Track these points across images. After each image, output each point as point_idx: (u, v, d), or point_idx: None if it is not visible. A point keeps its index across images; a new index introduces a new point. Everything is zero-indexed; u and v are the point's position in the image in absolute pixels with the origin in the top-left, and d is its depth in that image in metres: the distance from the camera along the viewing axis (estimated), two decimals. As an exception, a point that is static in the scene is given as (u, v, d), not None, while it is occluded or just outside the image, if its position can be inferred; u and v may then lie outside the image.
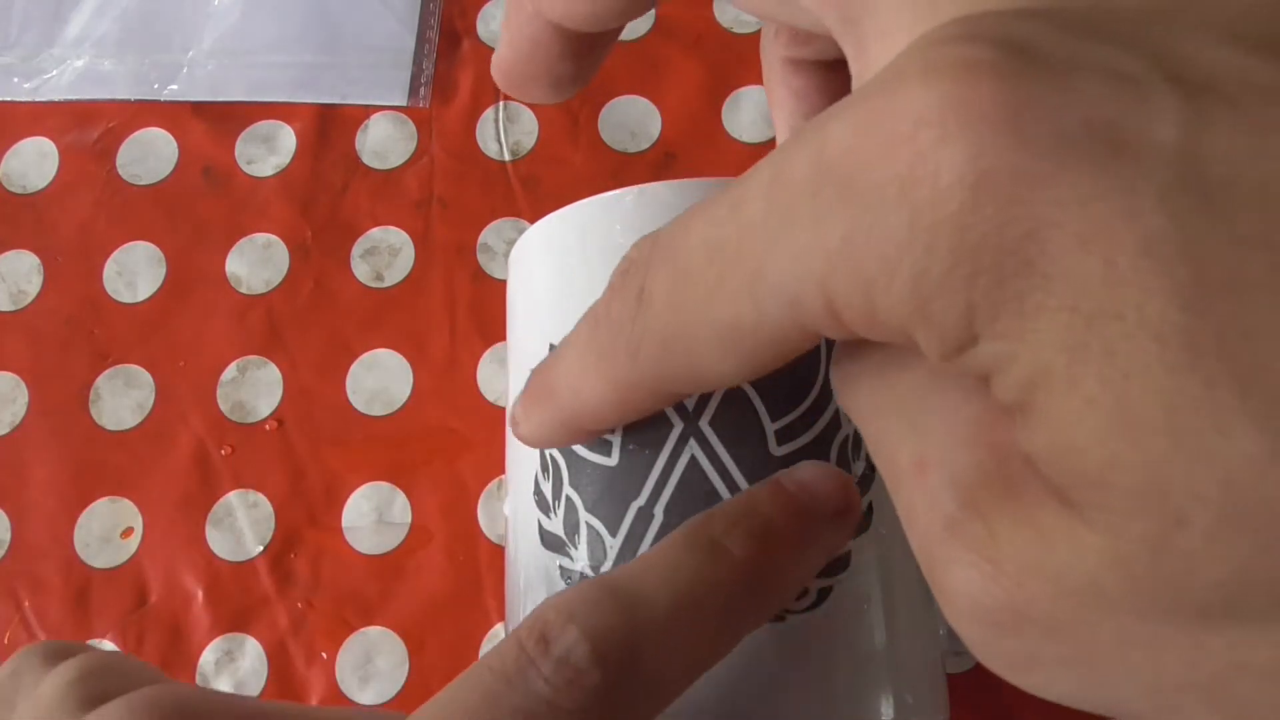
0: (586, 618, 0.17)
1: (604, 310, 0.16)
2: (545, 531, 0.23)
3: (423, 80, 0.37)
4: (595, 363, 0.16)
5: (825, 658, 0.21)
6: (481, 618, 0.31)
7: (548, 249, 0.25)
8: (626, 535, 0.21)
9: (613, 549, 0.21)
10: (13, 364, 0.35)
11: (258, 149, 0.37)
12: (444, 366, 0.34)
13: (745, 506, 0.19)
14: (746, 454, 0.21)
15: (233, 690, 0.30)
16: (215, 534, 0.32)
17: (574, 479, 0.22)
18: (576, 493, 0.22)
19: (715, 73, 0.37)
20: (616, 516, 0.22)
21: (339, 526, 0.32)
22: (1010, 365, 0.11)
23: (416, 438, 0.33)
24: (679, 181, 0.24)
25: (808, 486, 0.20)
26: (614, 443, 0.22)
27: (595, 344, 0.16)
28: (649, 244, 0.15)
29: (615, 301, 0.16)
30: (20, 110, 0.38)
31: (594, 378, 0.17)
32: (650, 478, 0.21)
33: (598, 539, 0.22)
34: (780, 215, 0.12)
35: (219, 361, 0.34)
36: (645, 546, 0.21)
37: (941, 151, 0.11)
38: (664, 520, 0.21)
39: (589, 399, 0.17)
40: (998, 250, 0.10)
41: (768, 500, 0.19)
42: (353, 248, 0.35)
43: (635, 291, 0.15)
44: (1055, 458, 0.11)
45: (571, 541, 0.22)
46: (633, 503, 0.21)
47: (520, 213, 0.35)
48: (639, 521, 0.21)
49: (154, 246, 0.36)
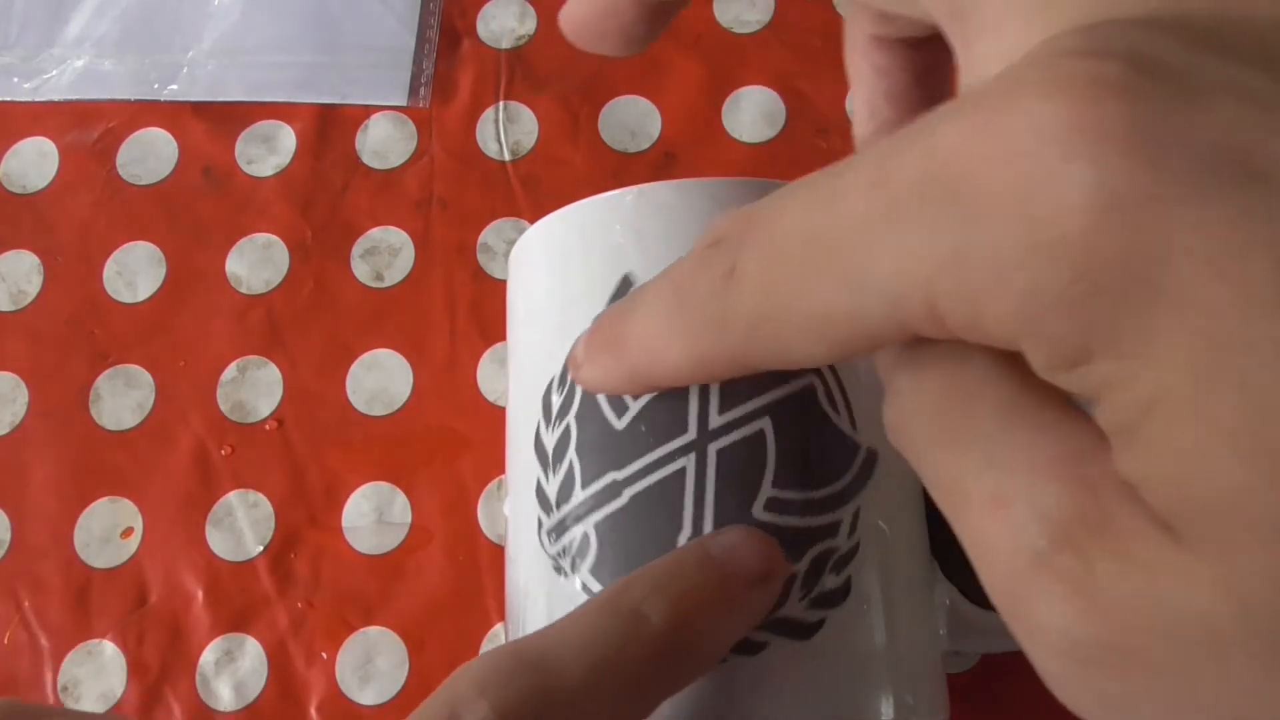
0: (498, 691, 0.17)
1: (689, 279, 0.16)
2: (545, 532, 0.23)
3: (423, 80, 0.37)
4: (677, 329, 0.16)
5: (826, 658, 0.21)
6: (481, 618, 0.31)
7: (548, 249, 0.25)
8: (594, 494, 0.22)
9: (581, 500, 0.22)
10: (13, 364, 0.35)
11: (258, 149, 0.37)
12: (444, 366, 0.34)
13: (669, 572, 0.19)
14: (729, 502, 0.21)
15: (233, 690, 0.30)
16: (215, 534, 0.32)
17: (579, 443, 0.22)
18: (578, 458, 0.22)
19: (715, 73, 0.37)
20: (595, 474, 0.22)
21: (339, 526, 0.32)
22: (1127, 386, 0.11)
23: (416, 438, 0.33)
24: (679, 181, 0.24)
25: (733, 552, 0.20)
26: (630, 409, 0.22)
27: (679, 312, 0.16)
28: (742, 221, 0.15)
29: (703, 273, 0.15)
30: (20, 110, 0.38)
31: (673, 342, 0.16)
32: (638, 460, 0.21)
33: (571, 481, 0.22)
34: (885, 214, 0.12)
35: (219, 361, 0.34)
36: (601, 515, 0.21)
37: (1066, 169, 0.10)
38: (627, 506, 0.21)
39: (664, 359, 0.17)
40: (1123, 272, 0.10)
41: (693, 566, 0.19)
42: (353, 248, 0.35)
43: (726, 267, 0.15)
44: (1167, 485, 0.11)
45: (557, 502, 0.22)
46: (611, 471, 0.21)
47: (520, 213, 0.35)
48: (608, 491, 0.21)
49: (154, 246, 0.36)
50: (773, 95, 0.37)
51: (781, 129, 0.36)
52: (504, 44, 0.38)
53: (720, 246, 0.15)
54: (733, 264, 0.15)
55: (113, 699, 0.30)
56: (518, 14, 0.38)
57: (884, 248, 0.12)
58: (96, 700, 0.30)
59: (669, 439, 0.21)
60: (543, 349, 0.24)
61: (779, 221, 0.14)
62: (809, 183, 0.14)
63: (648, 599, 0.18)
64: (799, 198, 0.14)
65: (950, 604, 0.24)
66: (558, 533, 0.22)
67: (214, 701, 0.30)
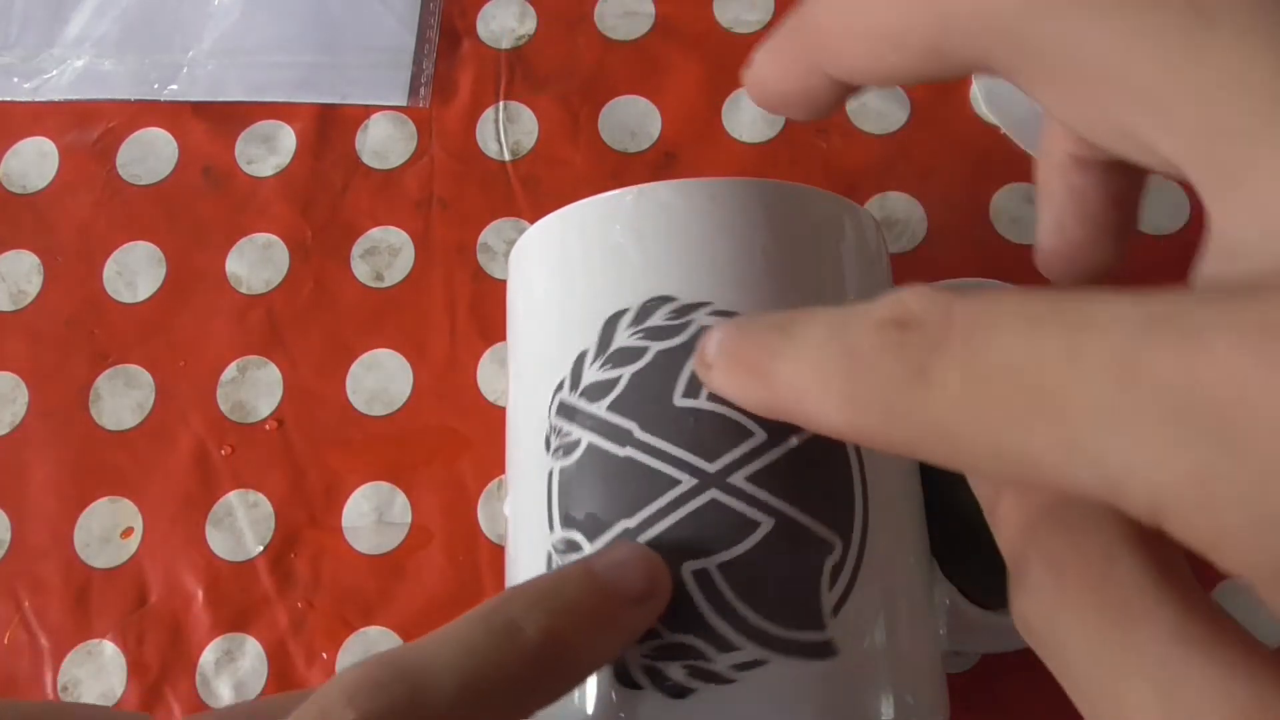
0: (366, 701, 0.17)
1: (868, 355, 0.15)
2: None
3: (423, 80, 0.37)
4: (840, 394, 0.15)
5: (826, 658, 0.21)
6: (481, 618, 0.31)
7: (548, 249, 0.25)
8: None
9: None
10: (13, 364, 0.35)
11: (258, 149, 0.37)
12: (444, 366, 0.34)
13: (550, 587, 0.19)
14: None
15: (233, 690, 0.30)
16: (215, 534, 0.32)
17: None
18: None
19: (715, 73, 0.37)
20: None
21: (339, 526, 0.32)
22: None
23: (416, 438, 0.33)
24: (679, 181, 0.24)
25: (618, 569, 0.20)
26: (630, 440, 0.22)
27: (847, 381, 0.15)
28: (942, 315, 0.14)
29: (886, 357, 0.14)
30: (20, 110, 0.38)
31: (831, 403, 0.16)
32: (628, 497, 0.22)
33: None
34: (1132, 409, 0.11)
35: (219, 361, 0.34)
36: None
37: None
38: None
39: (815, 412, 0.16)
40: None
41: (573, 581, 0.20)
42: (353, 248, 0.35)
43: (916, 365, 0.14)
44: None
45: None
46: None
47: (520, 213, 0.35)
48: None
49: (154, 246, 0.36)
50: (773, 95, 0.37)
51: (781, 129, 0.36)
52: (504, 44, 0.38)
53: (912, 335, 0.14)
54: (926, 366, 0.14)
55: (113, 699, 0.30)
56: (518, 14, 0.38)
57: (1120, 439, 0.11)
58: (96, 700, 0.31)
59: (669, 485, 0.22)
60: (543, 349, 0.24)
61: (991, 343, 0.13)
62: (1034, 314, 0.13)
63: (526, 613, 0.19)
64: (1019, 326, 0.13)
65: (950, 604, 0.23)
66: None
67: (214, 701, 0.30)
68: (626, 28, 0.38)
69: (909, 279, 0.26)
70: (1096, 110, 0.15)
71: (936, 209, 0.35)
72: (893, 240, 0.35)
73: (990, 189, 0.35)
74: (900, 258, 0.34)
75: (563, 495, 0.23)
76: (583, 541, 0.22)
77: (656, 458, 0.22)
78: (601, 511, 0.22)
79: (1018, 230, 0.34)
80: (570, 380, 0.23)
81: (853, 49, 0.17)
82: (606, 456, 0.22)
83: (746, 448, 0.21)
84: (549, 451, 0.23)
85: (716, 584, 0.21)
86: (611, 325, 0.23)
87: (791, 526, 0.21)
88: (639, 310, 0.23)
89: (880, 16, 0.16)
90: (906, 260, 0.34)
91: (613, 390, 0.22)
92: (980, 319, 0.13)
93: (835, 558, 0.21)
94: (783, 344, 0.17)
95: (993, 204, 0.35)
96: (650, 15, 0.38)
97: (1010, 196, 0.35)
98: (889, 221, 0.35)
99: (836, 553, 0.21)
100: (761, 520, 0.21)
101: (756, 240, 0.23)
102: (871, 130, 0.36)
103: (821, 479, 0.22)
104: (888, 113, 0.36)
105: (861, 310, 0.15)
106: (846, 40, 0.17)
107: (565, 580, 0.20)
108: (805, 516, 0.21)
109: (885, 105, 0.36)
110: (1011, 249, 0.34)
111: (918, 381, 0.14)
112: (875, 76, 0.17)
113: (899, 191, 0.35)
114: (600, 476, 0.22)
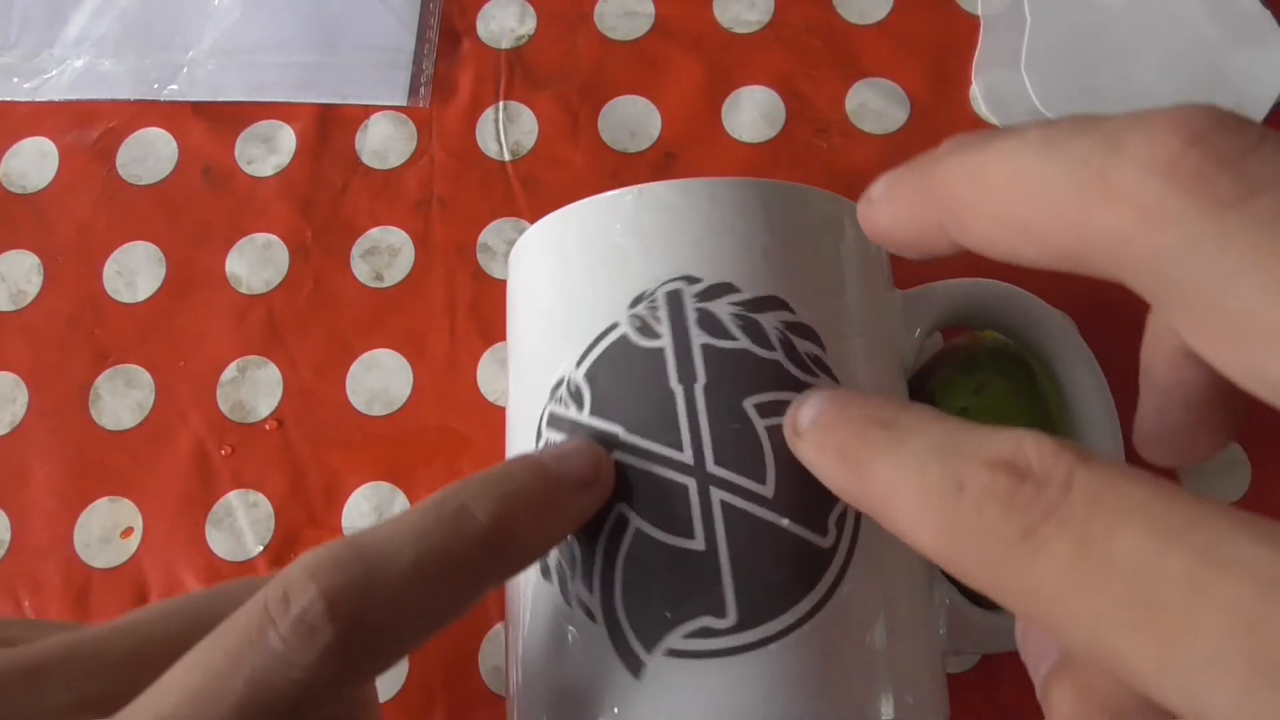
0: (327, 576, 0.18)
1: (975, 492, 0.14)
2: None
3: (423, 80, 0.37)
4: (933, 522, 0.15)
5: (826, 659, 0.21)
6: (481, 618, 0.31)
7: (548, 249, 0.25)
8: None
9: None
10: (13, 364, 0.35)
11: (258, 149, 0.37)
12: (444, 366, 0.34)
13: (499, 474, 0.21)
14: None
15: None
16: (215, 534, 0.32)
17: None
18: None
19: (715, 73, 0.37)
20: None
21: (339, 526, 0.32)
22: None
23: (416, 438, 0.33)
24: (679, 181, 0.24)
25: (564, 460, 0.21)
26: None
27: (945, 513, 0.15)
28: (1061, 479, 0.13)
29: (994, 504, 0.14)
30: (20, 110, 0.38)
31: (922, 525, 0.15)
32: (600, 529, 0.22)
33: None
34: (1237, 654, 0.11)
35: (219, 361, 0.34)
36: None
37: None
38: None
39: (902, 523, 0.16)
40: None
41: (522, 469, 0.21)
42: (353, 248, 0.35)
43: (1024, 526, 0.13)
44: None
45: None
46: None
47: (520, 213, 0.35)
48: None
49: (154, 246, 0.36)
50: (772, 95, 0.37)
51: (781, 129, 0.36)
52: (504, 44, 0.38)
53: (1026, 490, 0.14)
54: (1035, 530, 0.13)
55: (113, 699, 0.30)
56: (518, 14, 0.38)
57: (1227, 690, 0.11)
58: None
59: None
60: (543, 349, 0.24)
61: (1113, 537, 0.13)
62: (1166, 524, 0.12)
63: (476, 499, 0.20)
64: (1145, 530, 0.12)
65: (950, 604, 0.23)
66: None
67: (214, 701, 0.30)
68: (626, 28, 0.38)
69: (909, 278, 0.27)
70: (1235, 351, 0.14)
71: (936, 209, 0.35)
72: (893, 240, 0.34)
73: (990, 189, 0.35)
74: (900, 257, 0.34)
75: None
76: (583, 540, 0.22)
77: (644, 459, 0.22)
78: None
79: (1018, 230, 0.34)
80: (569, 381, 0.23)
81: (985, 228, 0.16)
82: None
83: (735, 441, 0.22)
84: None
85: (708, 568, 0.21)
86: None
87: (782, 516, 0.21)
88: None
89: (1019, 209, 0.15)
90: (906, 260, 0.34)
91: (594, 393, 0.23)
92: (1104, 500, 0.13)
93: (827, 543, 0.21)
94: (885, 445, 0.16)
95: (993, 204, 0.35)
96: (650, 15, 0.38)
97: (1010, 196, 0.35)
98: (889, 221, 0.35)
99: (829, 539, 0.21)
100: (753, 511, 0.21)
101: (756, 240, 0.23)
102: (871, 130, 0.36)
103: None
104: (888, 113, 0.36)
105: (975, 439, 0.15)
106: (980, 218, 0.16)
107: (514, 468, 0.21)
108: (796, 509, 0.21)
109: (885, 105, 0.36)
110: (1011, 249, 0.34)
111: (1023, 543, 0.13)
112: (1004, 258, 0.16)
113: (899, 191, 0.35)
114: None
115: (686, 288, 0.23)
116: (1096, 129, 0.14)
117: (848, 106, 0.36)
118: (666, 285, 0.23)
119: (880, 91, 0.36)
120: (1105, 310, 0.32)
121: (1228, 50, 0.36)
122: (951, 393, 0.27)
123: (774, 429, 0.21)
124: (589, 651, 0.22)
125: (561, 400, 0.23)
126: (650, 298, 0.23)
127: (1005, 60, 0.36)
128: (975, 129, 0.37)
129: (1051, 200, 0.14)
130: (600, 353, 0.23)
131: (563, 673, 0.22)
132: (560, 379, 0.23)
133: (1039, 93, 0.36)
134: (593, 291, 0.24)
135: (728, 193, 0.24)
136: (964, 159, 0.16)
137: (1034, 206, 0.15)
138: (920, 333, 0.26)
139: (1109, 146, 0.14)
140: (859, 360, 0.24)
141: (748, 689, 0.20)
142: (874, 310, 0.25)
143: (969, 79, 0.37)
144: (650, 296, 0.23)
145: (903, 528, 0.16)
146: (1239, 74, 0.36)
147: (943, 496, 0.15)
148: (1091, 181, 0.14)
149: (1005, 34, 0.37)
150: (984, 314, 0.27)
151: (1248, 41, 0.36)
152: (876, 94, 0.36)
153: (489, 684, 0.30)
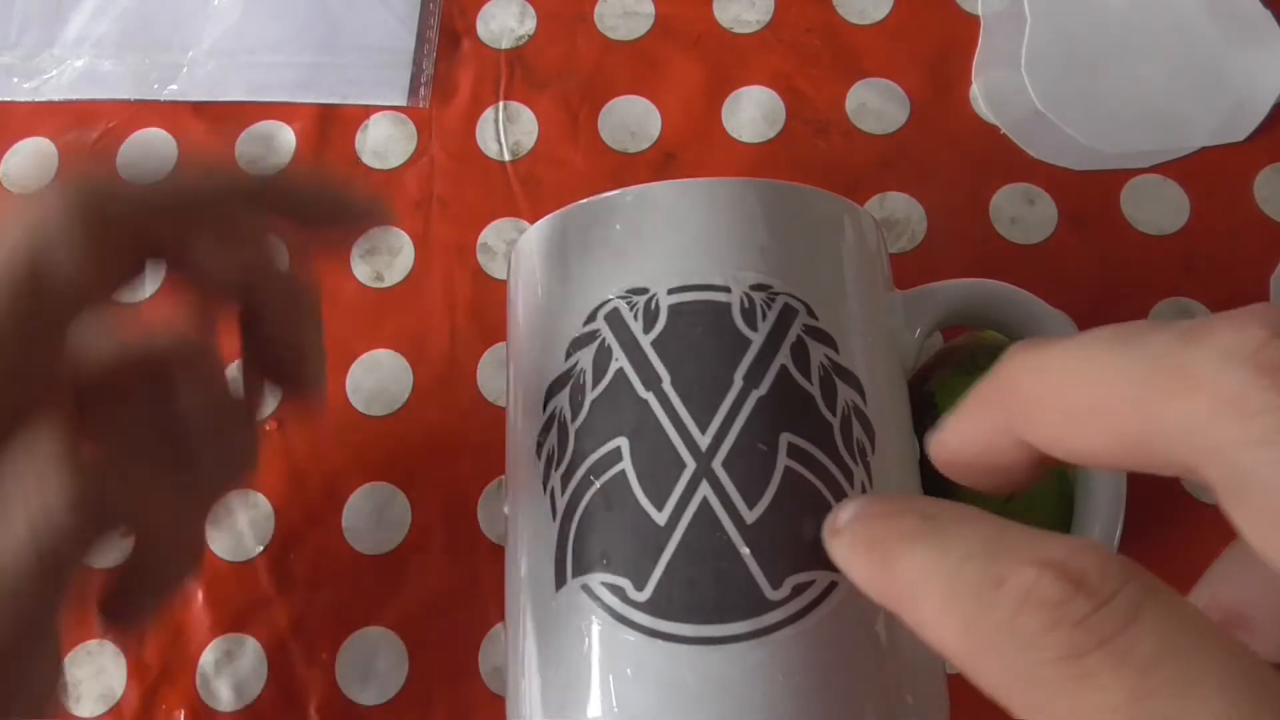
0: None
1: (1009, 597, 0.13)
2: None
3: (423, 80, 0.37)
4: (960, 622, 0.14)
5: (826, 659, 0.21)
6: (481, 618, 0.31)
7: (548, 249, 0.25)
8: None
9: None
10: (13, 364, 0.34)
11: (258, 149, 0.37)
12: (444, 366, 0.34)
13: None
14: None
15: (233, 690, 0.30)
16: (215, 534, 0.32)
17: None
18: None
19: (715, 73, 0.37)
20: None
21: (339, 526, 0.32)
22: None
23: (416, 438, 0.33)
24: (679, 181, 0.24)
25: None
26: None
27: (977, 614, 0.13)
28: (1126, 607, 0.12)
29: (1038, 615, 0.13)
30: (20, 110, 0.38)
31: (948, 623, 0.14)
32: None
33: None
34: None
35: (219, 361, 0.34)
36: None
37: None
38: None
39: (927, 620, 0.15)
40: None
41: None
42: (353, 248, 0.35)
43: (1072, 648, 0.12)
44: None
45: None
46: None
47: (520, 213, 0.35)
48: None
49: (154, 246, 0.36)
50: (772, 95, 0.37)
51: (781, 129, 0.36)
52: (504, 44, 0.38)
53: (1078, 604, 0.12)
54: (1086, 656, 0.12)
55: (113, 699, 0.30)
56: (518, 14, 0.38)
57: None
58: (96, 700, 0.30)
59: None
60: (543, 349, 0.24)
61: (1189, 697, 0.11)
62: (1249, 697, 0.11)
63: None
64: (1228, 684, 0.11)
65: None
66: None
67: (214, 701, 0.30)
68: (626, 28, 0.38)
69: (909, 279, 0.27)
70: None
71: (936, 209, 0.35)
72: (893, 240, 0.35)
73: (990, 189, 0.35)
74: (900, 257, 0.34)
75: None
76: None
77: (670, 417, 0.22)
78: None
79: (1017, 230, 0.34)
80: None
81: (1052, 419, 0.15)
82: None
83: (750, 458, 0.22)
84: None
85: (654, 542, 0.21)
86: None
87: (746, 545, 0.21)
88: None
89: (1090, 398, 0.15)
90: (906, 260, 0.34)
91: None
92: (1177, 648, 0.12)
93: (776, 596, 0.21)
94: (922, 534, 0.15)
95: (993, 204, 0.35)
96: (650, 15, 0.38)
97: (1010, 196, 0.35)
98: (889, 221, 0.35)
99: (779, 594, 0.21)
100: (724, 523, 0.21)
101: (756, 240, 0.23)
102: (871, 130, 0.36)
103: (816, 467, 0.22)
104: (888, 113, 0.36)
105: (1028, 539, 0.13)
106: (1047, 410, 0.15)
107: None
108: (764, 551, 0.21)
109: (885, 105, 0.36)
110: (1011, 249, 0.34)
111: (1069, 668, 0.12)
112: (1072, 453, 0.16)
113: (899, 191, 0.35)
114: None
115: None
116: (1173, 325, 0.14)
117: (848, 106, 0.36)
118: (666, 285, 0.23)
119: (880, 91, 0.36)
120: (1105, 310, 0.32)
121: (1228, 50, 0.36)
122: (951, 393, 0.27)
123: (790, 472, 0.21)
124: (539, 540, 0.23)
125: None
126: (650, 297, 0.23)
127: (1005, 60, 0.36)
128: (975, 129, 0.37)
129: (1126, 389, 0.14)
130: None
131: (559, 664, 0.22)
132: (560, 377, 0.23)
133: (1039, 93, 0.36)
134: (593, 291, 0.24)
135: (727, 193, 0.24)
136: (1030, 355, 0.16)
137: (1106, 395, 0.14)
138: (920, 333, 0.26)
139: (1187, 339, 0.13)
140: (861, 360, 0.24)
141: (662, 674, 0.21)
142: (874, 310, 0.25)
143: (969, 79, 0.37)
144: (650, 295, 0.23)
145: (926, 623, 0.14)
146: (1239, 74, 0.36)
147: (977, 593, 0.13)
148: (1170, 370, 0.13)
149: (1005, 34, 0.37)
150: (984, 314, 0.27)
151: (1248, 41, 0.36)
152: (876, 94, 0.36)
153: (489, 684, 0.30)
